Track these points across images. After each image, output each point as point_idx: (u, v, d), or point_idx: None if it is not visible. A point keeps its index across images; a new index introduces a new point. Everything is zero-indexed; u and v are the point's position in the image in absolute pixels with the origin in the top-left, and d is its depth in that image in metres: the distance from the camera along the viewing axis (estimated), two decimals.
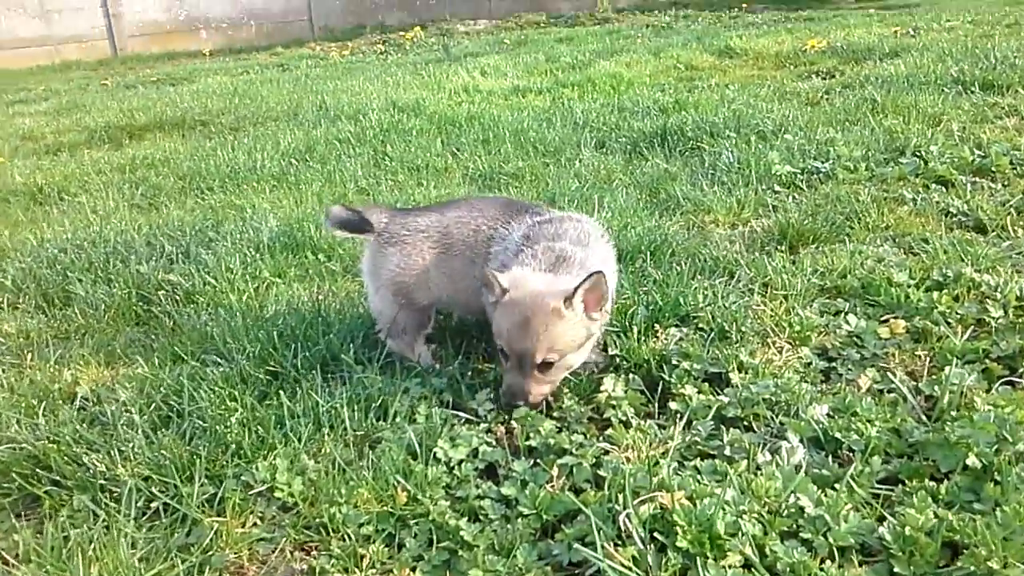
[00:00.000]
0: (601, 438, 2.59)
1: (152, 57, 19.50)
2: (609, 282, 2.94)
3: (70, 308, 4.06)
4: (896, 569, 1.98)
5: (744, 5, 18.68)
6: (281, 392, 2.84)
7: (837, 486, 2.23)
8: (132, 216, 5.92)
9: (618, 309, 3.30)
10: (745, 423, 2.61)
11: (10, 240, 5.32)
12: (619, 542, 2.07)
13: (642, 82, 9.46)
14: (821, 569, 1.97)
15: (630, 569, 1.98)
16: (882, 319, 3.15)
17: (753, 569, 1.97)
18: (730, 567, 1.97)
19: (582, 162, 6.08)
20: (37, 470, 2.57)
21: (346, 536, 2.24)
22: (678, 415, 2.64)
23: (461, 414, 2.77)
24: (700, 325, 3.22)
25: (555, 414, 2.74)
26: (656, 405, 2.77)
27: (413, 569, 2.13)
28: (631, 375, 2.89)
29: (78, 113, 11.24)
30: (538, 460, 2.50)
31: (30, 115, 11.57)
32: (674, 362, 2.90)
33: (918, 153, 5.13)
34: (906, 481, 2.26)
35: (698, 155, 5.88)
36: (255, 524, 2.33)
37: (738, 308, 3.26)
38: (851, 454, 2.41)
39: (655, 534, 2.07)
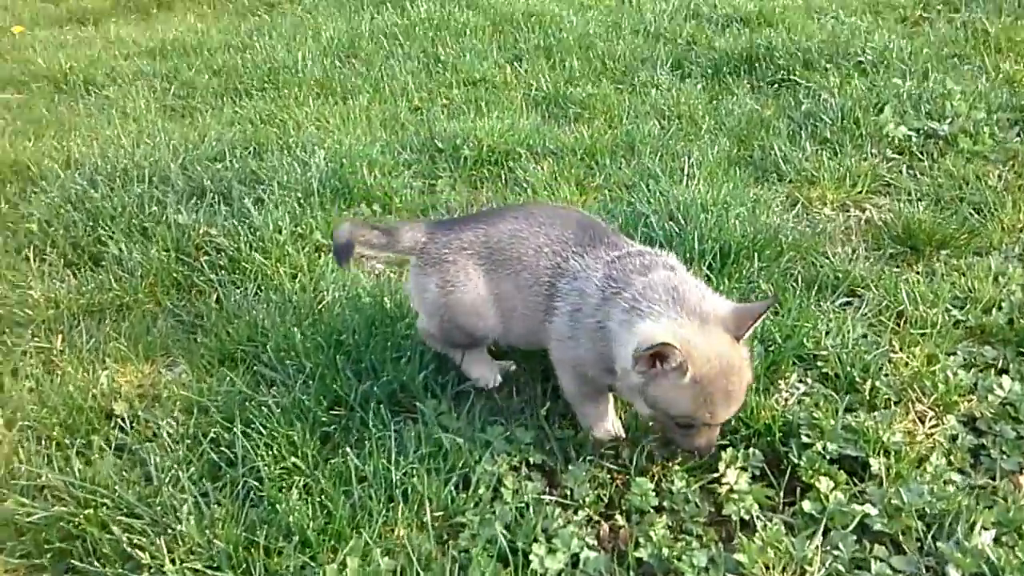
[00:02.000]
0: (722, 543, 2.23)
1: None
2: None
3: (102, 267, 3.66)
4: None
5: None
6: (348, 449, 2.46)
7: None
8: (165, 125, 5.41)
9: None
10: (892, 538, 2.23)
11: (32, 156, 4.84)
12: None
13: None
14: None
15: None
16: None
17: None
18: None
19: (659, 89, 5.46)
20: (74, 541, 2.25)
21: None
22: (813, 520, 2.25)
23: (553, 495, 2.40)
24: (825, 369, 2.80)
25: (665, 503, 2.36)
26: (782, 493, 2.38)
27: None
28: (751, 448, 2.49)
29: None
30: None
31: None
32: (803, 437, 2.49)
33: None
34: None
35: (791, 91, 5.24)
36: None
37: (871, 353, 2.81)
38: None
39: None
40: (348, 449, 2.46)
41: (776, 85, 5.42)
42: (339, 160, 4.52)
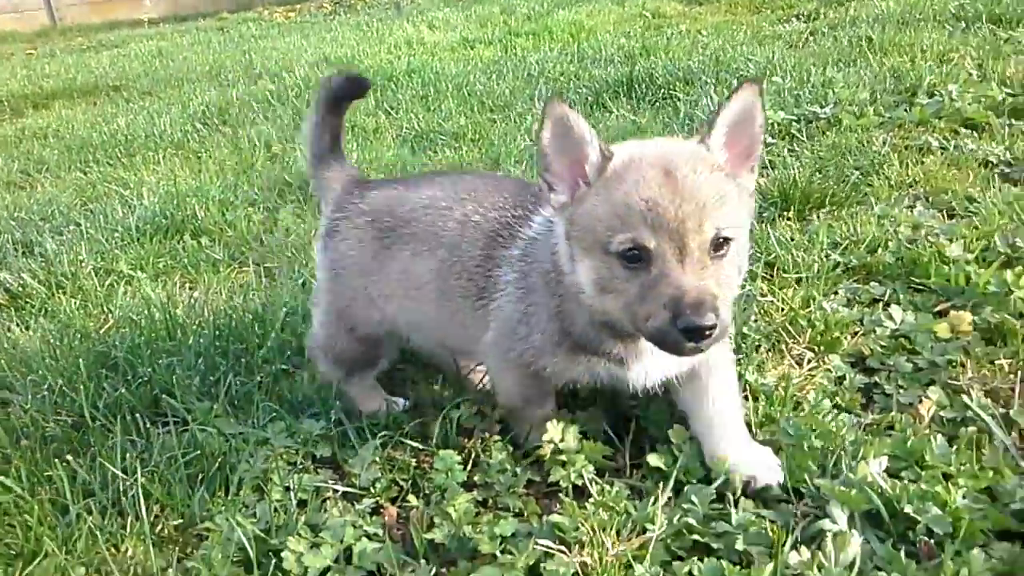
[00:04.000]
0: (544, 518, 1.70)
1: (92, 27, 18.02)
2: None
3: None
4: None
5: None
6: (69, 460, 1.90)
7: None
8: None
9: None
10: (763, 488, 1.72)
11: None
12: None
13: (605, 30, 8.48)
14: None
15: None
16: (936, 310, 2.28)
17: None
18: None
19: (535, 116, 5.14)
20: None
21: None
22: (663, 476, 1.75)
23: (336, 485, 1.86)
24: None
25: (476, 478, 1.83)
26: (627, 454, 1.87)
27: None
28: (589, 407, 1.99)
29: None
30: (445, 569, 1.60)
31: None
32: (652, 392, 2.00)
33: (935, 93, 4.25)
34: None
35: (671, 104, 4.96)
36: None
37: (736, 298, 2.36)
38: (932, 543, 1.53)
39: None
40: (70, 460, 1.90)
41: (656, 103, 5.14)
42: (171, 201, 4.06)
